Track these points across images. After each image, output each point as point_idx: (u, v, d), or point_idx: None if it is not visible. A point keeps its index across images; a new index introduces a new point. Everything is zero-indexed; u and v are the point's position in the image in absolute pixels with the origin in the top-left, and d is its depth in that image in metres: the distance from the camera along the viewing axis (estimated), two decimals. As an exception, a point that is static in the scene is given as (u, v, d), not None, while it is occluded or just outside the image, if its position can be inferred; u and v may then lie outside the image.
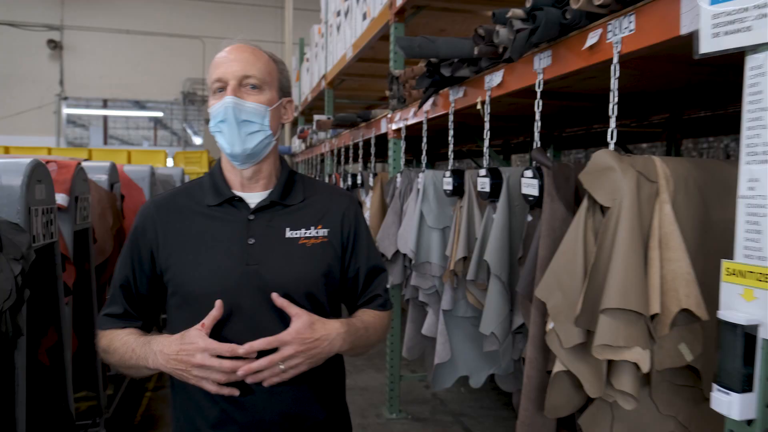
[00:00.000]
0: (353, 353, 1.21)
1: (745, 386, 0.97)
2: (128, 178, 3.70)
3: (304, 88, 7.48)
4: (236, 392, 1.06)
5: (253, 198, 1.18)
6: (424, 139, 2.76)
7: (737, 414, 0.98)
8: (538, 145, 1.69)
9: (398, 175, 3.01)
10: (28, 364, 1.72)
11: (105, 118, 13.73)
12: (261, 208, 1.17)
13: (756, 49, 0.95)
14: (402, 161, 3.23)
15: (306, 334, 1.06)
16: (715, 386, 1.01)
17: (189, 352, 1.04)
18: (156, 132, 14.73)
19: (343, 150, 4.92)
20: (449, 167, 2.40)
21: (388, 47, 3.44)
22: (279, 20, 10.67)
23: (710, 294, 1.16)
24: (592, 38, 1.36)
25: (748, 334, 0.97)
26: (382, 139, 3.74)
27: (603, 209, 1.33)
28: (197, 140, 13.39)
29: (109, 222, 3.06)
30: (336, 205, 1.23)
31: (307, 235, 1.17)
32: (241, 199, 1.17)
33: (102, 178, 3.08)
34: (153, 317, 1.26)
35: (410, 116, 2.89)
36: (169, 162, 8.02)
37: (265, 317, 1.11)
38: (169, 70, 11.33)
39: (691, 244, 1.26)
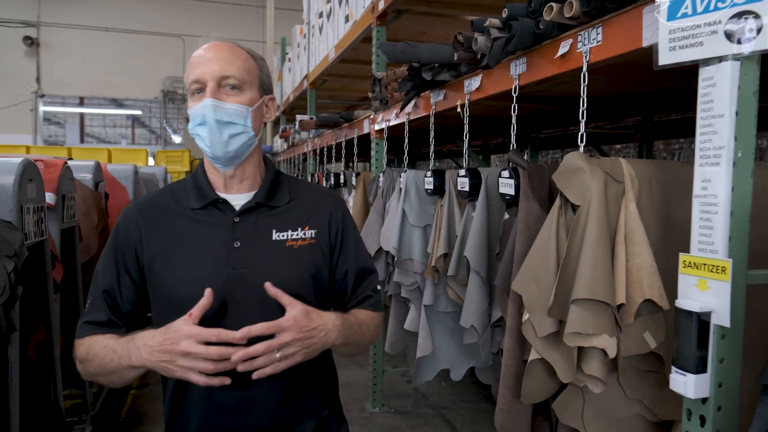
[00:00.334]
0: (346, 350, 1.18)
1: (700, 368, 1.07)
2: (112, 177, 3.71)
3: (286, 87, 7.51)
4: (227, 381, 1.00)
5: (238, 200, 1.15)
6: (406, 140, 2.84)
7: (693, 393, 1.07)
8: (515, 147, 1.78)
9: (381, 174, 3.09)
10: (20, 359, 1.76)
11: (81, 115, 13.56)
12: (246, 210, 1.14)
13: (707, 62, 1.05)
14: (384, 161, 3.31)
15: (303, 322, 1.03)
16: (673, 368, 1.11)
17: (174, 340, 0.98)
18: (134, 130, 14.59)
19: (325, 149, 4.98)
20: (430, 167, 2.49)
21: (370, 49, 3.52)
22: (260, 19, 10.67)
23: (672, 285, 1.26)
24: (563, 47, 1.45)
25: (702, 321, 1.07)
26: (364, 139, 3.81)
27: (574, 207, 1.42)
28: (176, 139, 13.29)
29: (94, 220, 3.09)
30: (323, 206, 1.20)
31: (294, 236, 1.14)
32: (225, 201, 1.14)
33: (87, 177, 3.10)
34: (138, 325, 1.17)
35: (392, 117, 2.97)
36: (150, 161, 7.98)
37: (252, 321, 1.06)
38: (148, 69, 11.24)
39: (654, 239, 1.36)
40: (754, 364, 1.09)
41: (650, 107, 2.89)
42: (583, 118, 1.47)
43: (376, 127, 3.28)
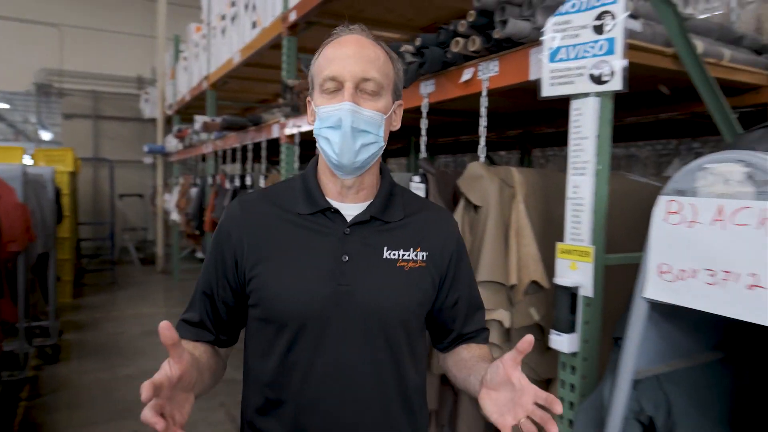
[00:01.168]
0: None
1: (572, 329, 1.40)
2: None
3: (181, 86, 7.33)
4: None
5: (350, 210, 1.04)
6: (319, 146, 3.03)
7: (567, 348, 1.40)
8: (425, 156, 2.06)
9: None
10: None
11: None
12: (358, 222, 1.03)
13: (577, 96, 1.38)
14: (296, 165, 3.47)
15: None
16: (552, 331, 1.43)
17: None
18: (-13, 125, 13.15)
19: (230, 151, 5.01)
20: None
21: (276, 54, 3.66)
22: (150, 13, 10.16)
23: (551, 268, 1.59)
24: (466, 74, 1.74)
25: (573, 293, 1.40)
26: (271, 143, 3.93)
27: (475, 207, 1.72)
28: (46, 136, 12.17)
29: (-14, 222, 2.93)
30: (437, 228, 1.10)
31: (405, 257, 1.04)
32: (336, 211, 1.03)
33: (-22, 176, 2.94)
34: (232, 331, 1.11)
35: (304, 124, 3.14)
36: (26, 160, 7.38)
37: (351, 345, 1.00)
38: (17, 59, 10.26)
39: (538, 232, 1.69)
40: (611, 325, 1.43)
41: (530, 121, 3.34)
42: (483, 135, 1.77)
43: (287, 132, 3.43)
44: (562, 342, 1.40)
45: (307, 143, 3.47)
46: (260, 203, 1.07)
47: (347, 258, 1.01)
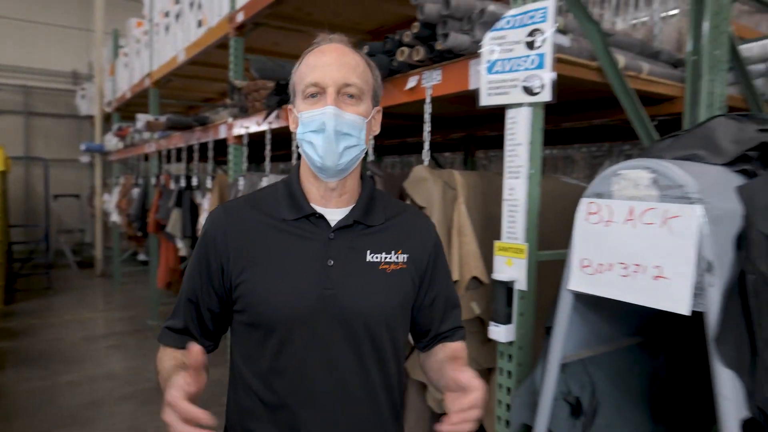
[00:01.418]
0: None
1: (508, 320, 1.52)
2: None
3: (122, 83, 7.11)
4: None
5: (333, 215, 1.07)
6: (268, 147, 3.07)
7: (504, 338, 1.52)
8: (373, 158, 2.14)
9: (240, 178, 3.26)
10: None
11: None
12: (342, 226, 1.06)
13: (511, 106, 1.50)
14: (244, 165, 3.47)
15: None
16: (491, 323, 1.55)
17: (165, 403, 0.85)
18: None
19: (174, 151, 4.93)
20: (293, 173, 2.75)
21: (222, 53, 3.65)
22: (86, 5, 9.76)
23: (490, 264, 1.70)
24: (411, 82, 1.84)
25: (509, 288, 1.52)
26: (219, 143, 3.91)
27: (420, 208, 1.82)
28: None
29: None
30: (416, 230, 1.13)
31: (387, 260, 1.07)
32: (321, 216, 1.06)
33: None
34: (216, 337, 1.13)
35: (252, 125, 3.16)
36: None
37: (339, 347, 1.02)
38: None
39: (478, 231, 1.80)
40: (544, 316, 1.56)
41: (473, 124, 3.49)
42: (427, 139, 1.87)
43: (234, 133, 3.43)
44: (499, 333, 1.52)
45: (256, 144, 3.49)
46: (245, 209, 1.08)
47: (332, 262, 1.03)
